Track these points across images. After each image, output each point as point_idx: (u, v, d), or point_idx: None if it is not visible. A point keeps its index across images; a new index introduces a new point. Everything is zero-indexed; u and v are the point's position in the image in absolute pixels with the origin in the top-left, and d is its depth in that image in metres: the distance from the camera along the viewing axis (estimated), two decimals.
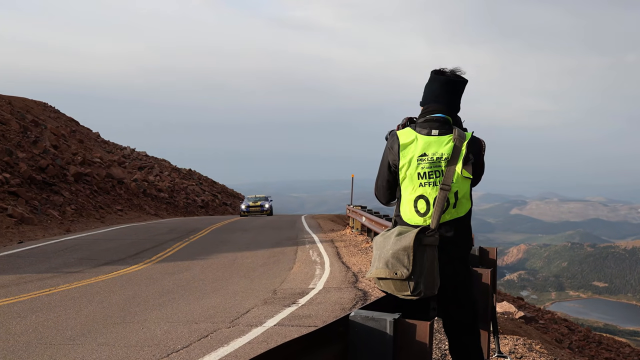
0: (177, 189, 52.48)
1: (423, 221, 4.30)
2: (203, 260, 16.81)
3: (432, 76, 4.52)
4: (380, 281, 4.16)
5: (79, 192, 33.79)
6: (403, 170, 4.36)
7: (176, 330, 8.85)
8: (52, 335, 8.54)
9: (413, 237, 4.05)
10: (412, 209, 4.36)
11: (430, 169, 4.29)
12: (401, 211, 4.42)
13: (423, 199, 4.31)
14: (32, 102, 47.88)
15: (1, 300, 10.92)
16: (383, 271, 4.09)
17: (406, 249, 4.04)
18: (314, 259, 17.23)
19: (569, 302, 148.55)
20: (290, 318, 9.70)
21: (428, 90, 4.53)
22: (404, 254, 4.04)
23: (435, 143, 4.32)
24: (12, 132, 34.80)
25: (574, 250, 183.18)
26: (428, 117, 4.42)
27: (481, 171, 4.47)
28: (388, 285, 4.13)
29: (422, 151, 4.30)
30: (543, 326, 21.38)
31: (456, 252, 4.32)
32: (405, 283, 4.07)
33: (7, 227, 23.12)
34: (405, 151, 4.34)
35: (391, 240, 4.14)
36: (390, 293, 4.18)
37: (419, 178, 4.30)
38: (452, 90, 4.49)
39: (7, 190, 27.06)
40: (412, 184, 4.33)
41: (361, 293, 12.04)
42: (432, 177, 4.29)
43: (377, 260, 4.15)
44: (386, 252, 4.11)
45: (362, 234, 24.49)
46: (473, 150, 4.33)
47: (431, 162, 4.29)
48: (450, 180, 4.27)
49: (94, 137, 55.43)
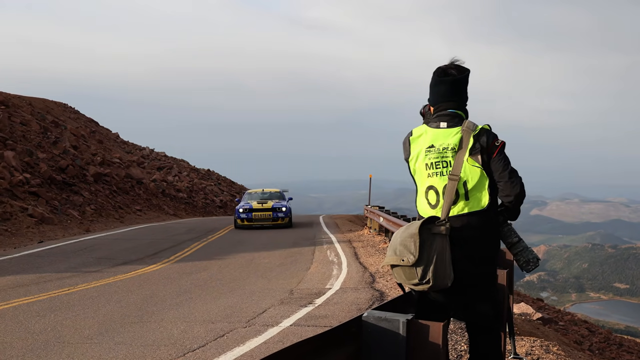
0: (195, 189, 52.65)
1: (435, 212, 4.35)
2: (220, 260, 16.88)
3: (438, 78, 4.53)
4: (393, 270, 4.21)
5: (98, 192, 34.00)
6: (412, 163, 4.47)
7: (193, 329, 8.90)
8: (70, 334, 8.62)
9: (419, 224, 4.12)
10: (424, 201, 4.42)
11: (437, 160, 4.35)
12: (417, 205, 4.50)
13: (433, 190, 4.37)
14: (52, 103, 48.22)
15: (21, 299, 11.03)
16: (392, 258, 4.14)
17: (412, 235, 4.09)
18: (331, 259, 17.25)
19: (589, 303, 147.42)
20: (306, 318, 9.73)
21: (435, 90, 4.57)
22: (410, 240, 4.09)
23: (443, 135, 4.39)
24: (33, 132, 35.07)
25: (595, 252, 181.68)
26: (439, 113, 4.49)
27: (505, 167, 4.37)
28: (399, 274, 4.17)
29: (430, 143, 4.39)
30: (563, 328, 21.25)
31: (471, 249, 4.28)
32: (413, 270, 4.09)
33: (28, 227, 23.32)
34: (415, 144, 4.47)
35: (401, 230, 4.23)
36: (402, 284, 4.25)
37: (427, 169, 4.38)
38: (459, 87, 4.54)
39: (28, 191, 27.28)
40: (421, 175, 4.42)
41: (378, 294, 12.03)
42: (438, 167, 4.34)
43: (388, 249, 4.24)
44: (395, 240, 4.18)
45: (379, 234, 24.46)
46: (481, 141, 4.35)
47: (438, 153, 4.35)
48: (459, 170, 4.30)
49: (113, 137, 55.73)
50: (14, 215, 23.77)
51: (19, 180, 27.19)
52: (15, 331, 8.70)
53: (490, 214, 4.37)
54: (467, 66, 4.58)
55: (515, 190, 4.38)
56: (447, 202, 4.29)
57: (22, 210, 24.74)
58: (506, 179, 4.37)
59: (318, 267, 15.70)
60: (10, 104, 36.83)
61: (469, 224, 4.29)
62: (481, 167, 4.33)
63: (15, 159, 28.83)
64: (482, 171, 4.33)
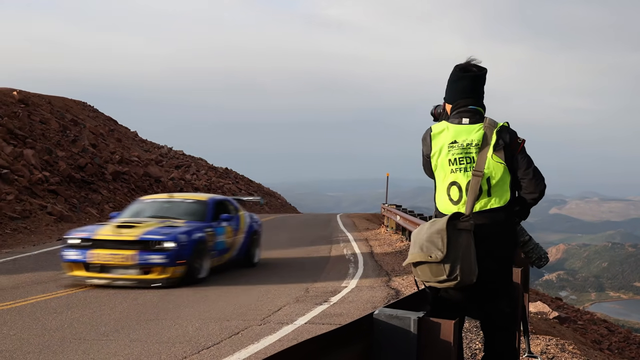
0: (213, 187, 52.69)
1: (457, 209, 4.33)
2: None
3: (459, 74, 4.56)
4: (416, 268, 4.13)
5: (116, 190, 34.14)
6: (434, 158, 4.42)
7: (208, 327, 8.94)
8: (86, 330, 8.68)
9: (446, 219, 4.08)
10: (445, 198, 4.39)
11: (460, 155, 4.34)
12: (436, 201, 4.47)
13: (455, 186, 4.35)
14: (72, 102, 48.40)
15: (39, 296, 11.11)
16: (418, 255, 4.07)
17: (440, 231, 4.05)
18: (347, 258, 17.26)
19: (609, 302, 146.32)
20: (321, 316, 9.75)
21: (454, 87, 4.58)
22: (437, 236, 4.04)
23: (466, 131, 4.39)
24: (52, 131, 35.24)
25: (615, 251, 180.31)
26: (460, 109, 4.49)
27: (529, 164, 4.44)
28: (424, 272, 4.10)
29: (453, 139, 4.36)
30: (582, 327, 21.14)
31: (492, 245, 4.29)
32: (441, 266, 4.04)
33: (47, 225, 23.47)
34: (436, 140, 4.42)
35: (425, 226, 4.17)
36: (427, 281, 4.17)
37: (450, 164, 4.35)
38: (479, 83, 4.58)
39: (47, 189, 27.45)
40: (443, 171, 4.38)
41: (394, 292, 12.03)
42: (462, 163, 4.33)
43: (412, 247, 4.16)
44: (420, 237, 4.11)
45: (396, 232, 24.45)
46: (503, 137, 4.38)
47: (461, 149, 4.34)
48: (482, 166, 4.31)
49: (132, 136, 55.89)
50: (33, 213, 23.94)
51: (38, 178, 27.37)
52: (32, 328, 8.77)
53: (510, 211, 4.40)
54: (484, 65, 4.60)
55: (540, 187, 4.43)
56: (471, 198, 4.31)
57: (41, 208, 24.91)
58: (531, 175, 4.42)
59: (334, 265, 15.72)
60: (30, 102, 37.04)
61: (491, 221, 4.30)
62: (504, 164, 4.36)
63: (35, 157, 29.02)
64: (506, 167, 4.36)
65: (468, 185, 4.32)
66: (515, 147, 4.41)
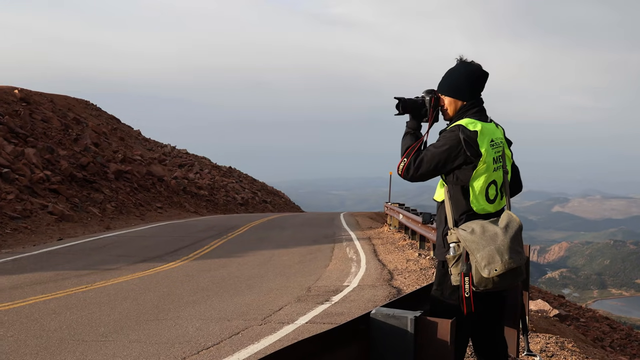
0: (217, 186, 52.72)
1: (493, 207, 4.32)
2: (240, 258, 16.85)
3: (483, 72, 4.47)
4: (499, 277, 3.99)
5: (119, 189, 34.12)
6: (482, 159, 4.23)
7: (208, 327, 8.87)
8: (85, 331, 8.61)
9: (518, 221, 4.15)
10: (483, 197, 4.29)
11: (499, 154, 4.33)
12: (472, 204, 4.28)
13: (494, 184, 4.32)
14: (74, 100, 48.41)
15: (38, 297, 11.04)
16: (513, 261, 3.99)
17: (520, 230, 4.12)
18: (350, 257, 17.19)
19: (611, 300, 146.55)
20: (322, 316, 9.68)
21: (476, 85, 4.47)
22: (519, 236, 4.11)
23: (494, 129, 4.40)
24: (54, 129, 35.24)
25: (617, 248, 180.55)
26: (479, 108, 4.44)
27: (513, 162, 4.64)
28: (507, 277, 4.02)
29: (490, 137, 4.30)
30: (584, 324, 21.07)
31: None
32: (522, 267, 4.12)
33: (48, 224, 23.42)
34: (481, 141, 4.25)
35: (497, 231, 4.07)
36: (501, 287, 4.09)
37: (494, 163, 4.29)
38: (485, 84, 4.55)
39: (48, 188, 27.41)
40: (488, 170, 4.26)
41: (395, 291, 11.97)
42: (500, 162, 4.34)
43: (499, 254, 3.98)
44: (503, 243, 4.01)
45: (399, 231, 24.38)
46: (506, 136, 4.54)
47: (498, 147, 4.33)
48: (507, 164, 4.41)
49: (135, 134, 55.91)
50: (34, 212, 23.89)
51: (40, 177, 27.35)
52: (31, 329, 8.70)
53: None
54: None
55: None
56: (508, 195, 4.39)
57: (42, 208, 24.86)
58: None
59: (337, 265, 15.65)
60: (32, 100, 37.04)
61: None
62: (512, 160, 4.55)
63: (36, 156, 29.00)
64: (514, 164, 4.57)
65: (503, 183, 4.36)
66: (509, 144, 4.54)
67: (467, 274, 4.04)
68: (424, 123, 4.50)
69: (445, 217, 4.35)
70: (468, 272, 4.04)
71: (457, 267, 4.10)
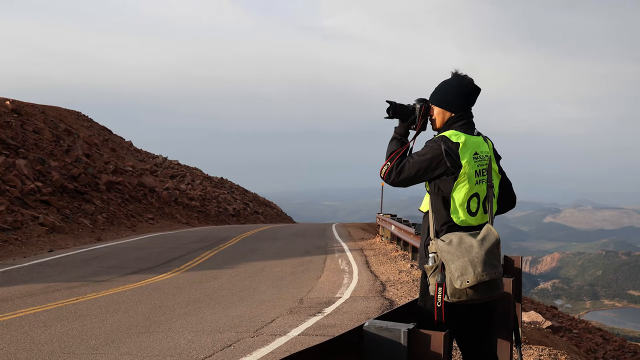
0: (208, 197, 52.65)
1: (475, 220, 4.28)
2: (231, 269, 16.78)
3: (474, 87, 4.45)
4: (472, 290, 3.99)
5: (110, 200, 34.01)
6: (463, 171, 4.21)
7: (200, 339, 8.81)
8: (76, 344, 8.54)
9: (496, 234, 4.11)
10: (464, 210, 4.26)
11: (483, 167, 4.29)
12: (452, 216, 4.26)
13: (476, 197, 4.28)
14: (66, 111, 48.35)
15: (28, 309, 10.95)
16: (486, 274, 3.96)
17: (496, 246, 4.07)
18: (342, 268, 17.15)
19: (603, 311, 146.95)
20: (314, 328, 9.63)
21: (466, 99, 4.44)
22: (496, 251, 4.06)
23: (480, 142, 4.36)
24: (45, 141, 35.14)
25: (609, 259, 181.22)
26: (466, 120, 4.41)
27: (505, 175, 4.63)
28: (482, 290, 4.01)
29: (474, 150, 4.27)
30: (577, 336, 21.13)
31: None
32: (497, 281, 4.09)
33: (39, 236, 23.31)
34: (462, 151, 4.22)
35: (473, 241, 4.06)
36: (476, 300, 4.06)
37: (476, 176, 4.25)
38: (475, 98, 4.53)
39: (39, 199, 27.29)
40: (470, 183, 4.23)
41: (388, 302, 11.93)
42: (484, 175, 4.30)
43: (470, 266, 3.97)
44: (478, 254, 3.99)
45: (391, 242, 24.36)
46: (496, 149, 4.55)
47: (482, 160, 4.29)
48: (492, 177, 4.35)
49: (127, 145, 55.86)
50: (24, 224, 23.77)
51: (31, 188, 27.22)
52: (21, 342, 8.62)
53: None
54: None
55: (515, 199, 4.70)
56: (491, 207, 4.34)
57: (33, 219, 24.74)
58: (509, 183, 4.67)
59: (329, 276, 15.60)
60: (23, 112, 36.96)
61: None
62: (500, 175, 4.52)
63: (27, 167, 28.88)
64: (501, 178, 4.52)
65: (485, 196, 4.32)
66: (498, 159, 4.53)
67: (441, 284, 4.04)
68: (411, 130, 4.48)
69: (428, 228, 4.36)
70: (442, 282, 4.04)
71: (434, 277, 4.12)
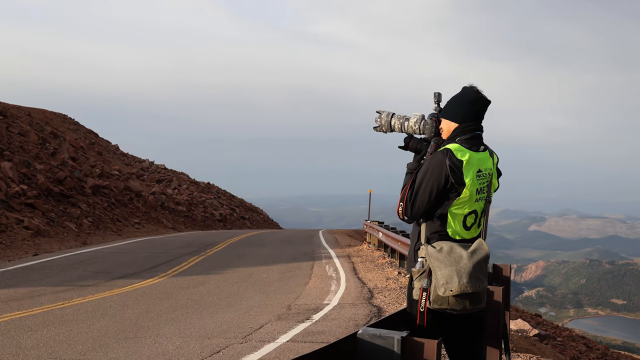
0: (195, 202, 52.52)
1: (468, 234, 4.29)
2: (219, 275, 16.72)
3: (477, 96, 4.40)
4: (455, 299, 4.03)
5: (96, 204, 33.85)
6: (467, 188, 4.19)
7: (188, 345, 8.75)
8: (62, 349, 8.46)
9: (487, 248, 4.16)
10: (460, 224, 4.27)
11: (484, 185, 4.30)
12: (447, 227, 4.26)
13: (473, 213, 4.30)
14: (52, 114, 48.12)
15: (13, 313, 10.85)
16: (470, 285, 4.01)
17: (485, 260, 4.11)
18: (329, 274, 17.12)
19: (587, 319, 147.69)
20: (303, 334, 9.59)
21: (468, 108, 4.38)
22: (483, 265, 4.10)
23: (485, 159, 4.33)
24: (31, 143, 34.96)
25: (593, 267, 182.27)
26: (473, 134, 4.36)
27: None
28: (462, 302, 4.05)
29: (477, 167, 4.25)
30: (561, 344, 21.14)
31: None
32: (481, 294, 4.13)
33: (23, 239, 23.15)
34: (466, 168, 4.19)
35: (463, 252, 4.10)
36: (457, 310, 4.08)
37: (477, 194, 4.26)
38: (485, 110, 4.48)
39: (24, 202, 27.12)
40: (470, 200, 4.24)
41: (376, 309, 11.92)
42: (484, 192, 4.31)
43: (457, 277, 4.01)
44: (465, 266, 4.03)
45: (379, 249, 24.36)
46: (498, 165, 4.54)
47: (484, 178, 4.29)
48: (491, 193, 4.40)
49: (113, 149, 55.66)
50: (9, 227, 23.61)
51: (15, 191, 27.05)
52: (6, 347, 8.53)
53: None
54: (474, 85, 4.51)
55: None
56: (486, 223, 4.40)
57: (18, 222, 24.57)
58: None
59: (316, 283, 15.56)
60: (9, 114, 36.76)
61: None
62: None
63: (12, 170, 28.70)
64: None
65: (483, 211, 4.36)
66: (499, 174, 4.57)
67: (426, 290, 4.08)
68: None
69: (419, 233, 4.36)
70: (427, 287, 4.08)
71: (419, 282, 4.15)
